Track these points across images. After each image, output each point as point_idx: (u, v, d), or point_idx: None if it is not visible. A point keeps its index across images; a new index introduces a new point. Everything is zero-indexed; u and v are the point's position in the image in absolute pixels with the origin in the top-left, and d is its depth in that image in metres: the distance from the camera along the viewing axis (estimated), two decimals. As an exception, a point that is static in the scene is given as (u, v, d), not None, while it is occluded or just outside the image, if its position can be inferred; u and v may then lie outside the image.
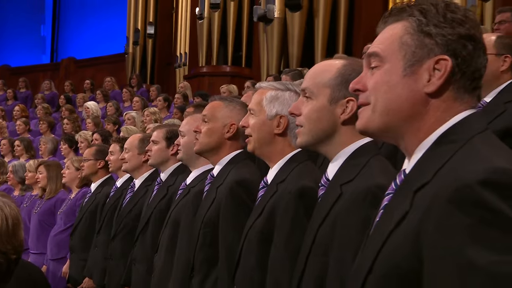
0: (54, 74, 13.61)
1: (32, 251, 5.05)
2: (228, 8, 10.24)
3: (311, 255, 1.59)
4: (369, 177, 1.55)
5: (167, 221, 2.97)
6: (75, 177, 4.80)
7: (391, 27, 1.29)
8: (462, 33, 1.24)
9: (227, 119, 2.53)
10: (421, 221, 1.09)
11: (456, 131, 1.21)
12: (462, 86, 1.24)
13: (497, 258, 0.99)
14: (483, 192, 1.04)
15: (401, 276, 1.12)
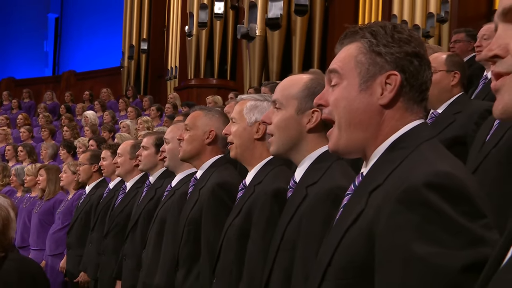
0: (56, 85, 13.51)
1: (33, 248, 5.02)
2: (215, 27, 10.26)
3: (280, 250, 1.60)
4: (331, 179, 1.55)
5: (154, 219, 2.96)
6: (71, 180, 4.79)
7: (347, 47, 1.31)
8: (408, 51, 1.26)
9: (206, 126, 2.54)
10: (374, 218, 1.11)
11: (406, 138, 1.23)
12: (411, 97, 1.26)
13: (436, 250, 1.01)
14: (427, 193, 1.05)
15: (356, 267, 1.13)
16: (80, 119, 9.14)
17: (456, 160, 1.20)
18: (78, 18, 15.90)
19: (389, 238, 1.07)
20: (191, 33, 10.31)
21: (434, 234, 1.03)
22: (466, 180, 1.10)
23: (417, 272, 1.02)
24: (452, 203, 1.04)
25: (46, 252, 4.84)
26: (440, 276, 1.00)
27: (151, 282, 2.76)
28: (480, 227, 1.04)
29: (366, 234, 1.12)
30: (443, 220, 1.03)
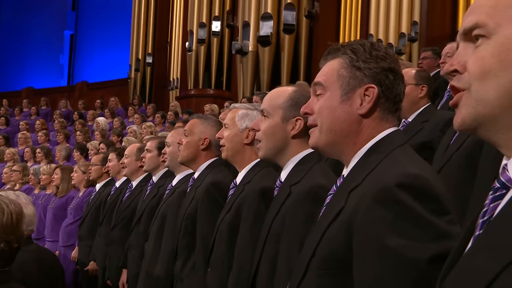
0: (70, 94, 13.46)
1: (48, 239, 4.98)
2: (212, 43, 10.27)
3: (267, 242, 1.60)
4: (312, 179, 1.55)
5: (156, 215, 2.95)
6: (82, 179, 4.76)
7: (330, 62, 1.31)
8: (384, 66, 1.26)
9: (202, 134, 2.53)
10: (352, 214, 1.11)
11: (382, 144, 1.23)
12: (387, 108, 1.27)
13: (406, 243, 1.01)
14: (399, 193, 1.05)
15: (337, 259, 1.13)
16: (92, 125, 9.09)
17: (425, 163, 1.20)
18: (91, 35, 15.88)
19: (365, 232, 1.07)
20: (191, 49, 10.31)
21: (405, 229, 1.03)
22: (433, 181, 1.10)
23: (390, 263, 1.02)
24: (421, 201, 1.05)
25: (59, 243, 4.80)
26: (410, 266, 1.00)
27: (153, 270, 2.75)
28: (446, 223, 1.04)
29: (346, 229, 1.12)
30: (413, 216, 1.03)
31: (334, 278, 1.13)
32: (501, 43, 0.79)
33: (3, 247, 1.62)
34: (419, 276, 0.98)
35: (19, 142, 8.72)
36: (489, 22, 0.81)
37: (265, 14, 9.44)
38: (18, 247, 1.70)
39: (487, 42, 0.81)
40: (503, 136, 0.81)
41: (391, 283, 1.01)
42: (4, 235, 1.62)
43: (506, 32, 0.79)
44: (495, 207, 0.79)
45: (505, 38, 0.79)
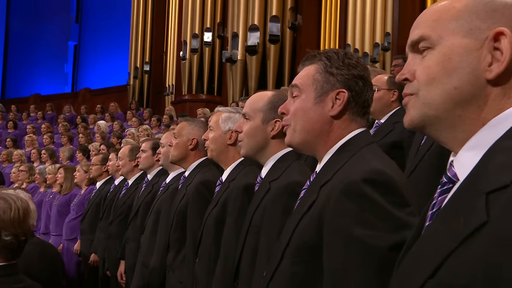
0: (74, 100, 13.36)
1: (52, 233, 4.96)
2: (204, 52, 10.25)
3: (248, 234, 1.60)
4: (289, 176, 1.55)
5: (151, 210, 2.94)
6: (84, 178, 4.73)
7: (307, 68, 1.32)
8: (355, 73, 1.27)
9: (189, 135, 2.53)
10: (323, 207, 1.12)
11: (350, 143, 1.24)
12: (356, 111, 1.27)
13: (370, 233, 1.02)
14: (364, 187, 1.06)
15: (308, 247, 1.14)
16: (93, 128, 9.04)
17: (389, 160, 1.21)
18: (93, 46, 15.78)
19: (334, 223, 1.08)
20: (185, 57, 10.28)
21: (368, 219, 1.04)
22: (395, 176, 1.11)
23: (355, 250, 1.03)
24: (384, 195, 1.05)
25: (63, 237, 4.78)
26: (373, 254, 1.01)
27: (149, 261, 2.74)
28: (406, 214, 1.05)
29: (317, 220, 1.12)
30: (376, 208, 1.04)
31: (306, 265, 1.13)
32: (444, 53, 0.81)
33: (11, 240, 1.60)
34: (380, 262, 0.99)
35: (26, 144, 8.66)
36: (432, 34, 0.82)
37: (253, 25, 9.44)
38: (25, 240, 1.68)
39: (431, 53, 0.83)
40: (447, 135, 0.82)
41: (356, 268, 1.01)
42: (12, 229, 1.60)
43: (448, 43, 0.81)
44: (443, 199, 0.80)
45: (447, 48, 0.81)
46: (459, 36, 0.80)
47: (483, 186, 0.70)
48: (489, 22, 0.79)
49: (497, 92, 0.78)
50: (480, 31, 0.79)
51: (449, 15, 0.81)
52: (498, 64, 0.77)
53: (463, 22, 0.80)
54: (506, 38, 0.77)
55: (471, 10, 0.80)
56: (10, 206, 1.61)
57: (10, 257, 1.63)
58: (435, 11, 0.84)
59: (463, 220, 0.70)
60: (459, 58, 0.79)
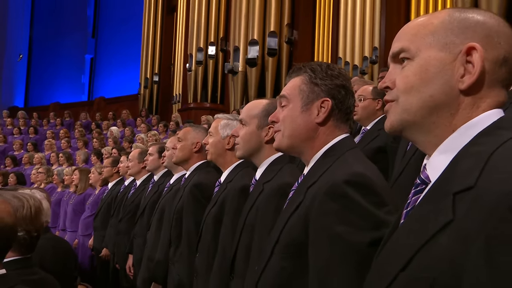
0: (90, 108, 13.36)
1: (69, 230, 4.97)
2: (208, 64, 10.26)
3: (243, 232, 1.59)
4: (281, 178, 1.54)
5: (156, 209, 2.93)
6: (98, 179, 4.73)
7: (294, 79, 1.32)
8: (337, 83, 1.27)
9: (194, 139, 2.52)
10: (309, 207, 1.12)
11: (335, 148, 1.24)
12: (340, 118, 1.27)
13: (351, 230, 1.02)
14: (346, 188, 1.06)
15: (296, 244, 1.14)
16: (106, 133, 9.04)
17: (370, 163, 1.21)
18: (107, 58, 15.82)
19: (318, 222, 1.07)
20: (191, 69, 10.30)
21: (350, 218, 1.03)
22: (375, 178, 1.10)
23: (337, 246, 1.02)
24: (364, 195, 1.05)
25: (78, 233, 4.78)
26: (353, 249, 1.01)
27: (153, 255, 2.72)
28: (384, 213, 1.04)
29: (303, 219, 1.12)
30: (357, 208, 1.04)
31: (294, 260, 1.13)
32: (421, 64, 0.81)
33: (24, 236, 1.59)
34: (360, 257, 0.99)
35: (46, 148, 8.66)
36: (411, 47, 0.83)
37: (252, 40, 9.45)
38: (37, 236, 1.67)
39: (410, 64, 0.83)
40: (422, 138, 0.83)
41: (338, 264, 1.01)
42: (25, 225, 1.59)
43: (425, 55, 0.81)
44: (416, 199, 0.80)
45: (424, 60, 0.81)
46: (435, 49, 0.80)
47: (451, 187, 0.70)
48: (462, 37, 0.79)
49: (467, 102, 0.79)
50: (454, 45, 0.79)
51: (427, 30, 0.82)
52: (469, 76, 0.78)
53: (439, 37, 0.81)
54: (477, 52, 0.77)
55: (447, 26, 0.81)
56: (23, 204, 1.60)
57: (24, 252, 1.62)
58: (415, 26, 0.84)
59: (433, 218, 0.70)
60: (435, 69, 0.80)
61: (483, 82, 0.78)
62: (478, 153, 0.71)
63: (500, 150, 0.70)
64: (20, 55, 16.23)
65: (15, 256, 1.59)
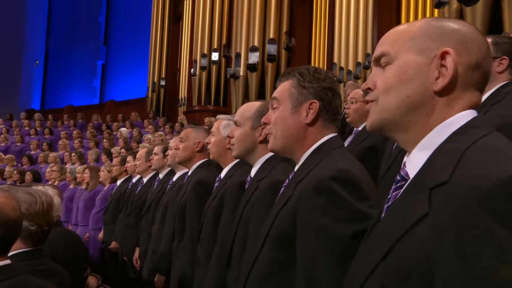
0: (101, 110, 13.36)
1: (80, 224, 4.97)
2: (212, 69, 10.24)
3: (239, 225, 1.59)
4: (274, 175, 1.54)
5: (160, 204, 2.93)
6: (107, 177, 4.73)
7: (284, 83, 1.32)
8: (324, 86, 1.27)
9: (196, 139, 2.52)
10: (297, 202, 1.12)
11: (323, 147, 1.24)
12: (327, 118, 1.27)
13: (335, 223, 1.03)
14: (331, 184, 1.06)
15: (285, 236, 1.14)
16: (116, 134, 9.05)
17: (356, 161, 1.21)
18: (117, 64, 15.85)
19: (305, 215, 1.07)
20: (195, 74, 10.29)
21: (335, 212, 1.03)
22: (359, 174, 1.10)
23: (323, 238, 1.02)
24: (348, 190, 1.05)
25: (89, 227, 4.78)
26: (338, 241, 1.01)
27: (158, 248, 2.73)
28: (367, 207, 1.04)
29: (292, 213, 1.12)
30: (341, 202, 1.04)
31: (283, 251, 1.13)
32: (400, 67, 0.82)
33: (36, 229, 1.60)
34: (344, 248, 0.99)
35: (60, 147, 8.67)
36: (391, 51, 0.83)
37: (253, 47, 9.45)
38: (48, 230, 1.68)
39: (390, 66, 0.83)
40: (402, 136, 0.83)
41: (323, 254, 1.01)
42: (37, 219, 1.60)
43: (404, 59, 0.82)
44: (396, 195, 0.80)
45: (402, 63, 0.82)
46: (413, 53, 0.81)
47: (428, 183, 0.71)
48: (438, 43, 0.80)
49: (442, 102, 0.79)
50: (430, 50, 0.80)
51: (406, 36, 0.83)
52: (443, 78, 0.79)
53: (417, 42, 0.81)
54: (450, 56, 0.78)
55: (424, 32, 0.81)
56: (36, 200, 1.61)
57: (35, 244, 1.63)
58: (395, 32, 0.85)
59: (410, 212, 0.70)
60: (412, 71, 0.80)
61: (456, 84, 0.79)
62: (452, 151, 0.72)
63: (472, 147, 0.70)
64: (36, 61, 16.28)
65: (27, 247, 1.60)
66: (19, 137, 10.19)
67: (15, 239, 1.35)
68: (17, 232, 1.31)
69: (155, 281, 2.69)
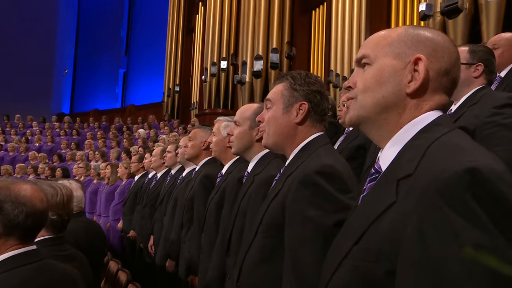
0: (122, 114, 13.43)
1: (103, 215, 4.99)
2: (221, 76, 10.26)
3: (237, 217, 1.59)
4: (268, 171, 1.54)
5: (171, 197, 2.94)
6: (125, 172, 4.75)
7: (277, 85, 1.32)
8: (314, 89, 1.26)
9: (202, 138, 2.52)
10: (286, 194, 1.12)
11: (311, 144, 1.24)
12: (315, 119, 1.26)
13: (319, 213, 1.03)
14: (316, 177, 1.06)
15: (275, 225, 1.14)
16: (135, 134, 9.10)
17: (339, 157, 1.20)
18: (137, 72, 15.94)
19: (293, 206, 1.07)
20: (206, 80, 10.31)
21: (319, 203, 1.03)
22: (341, 169, 1.10)
23: (308, 227, 1.02)
24: (331, 183, 1.05)
25: (110, 218, 4.80)
26: (321, 229, 1.01)
27: (169, 236, 2.74)
28: (348, 198, 1.04)
29: (281, 204, 1.12)
30: (325, 194, 1.04)
31: (273, 239, 1.13)
32: (378, 69, 0.82)
33: (57, 219, 1.61)
34: (326, 235, 0.98)
35: (86, 147, 8.74)
36: (371, 54, 0.83)
37: (258, 55, 9.44)
38: (68, 219, 1.69)
39: (369, 68, 0.83)
40: (376, 133, 0.83)
41: (308, 240, 1.01)
42: (57, 210, 1.61)
43: (382, 62, 0.82)
44: (370, 186, 0.80)
45: (380, 66, 0.82)
46: (390, 57, 0.81)
47: (396, 175, 0.71)
48: (413, 49, 0.80)
49: (413, 103, 0.79)
50: (405, 55, 0.80)
51: (386, 41, 0.83)
52: (415, 82, 0.79)
53: (394, 48, 0.81)
54: (422, 62, 0.78)
55: (402, 39, 0.81)
56: (57, 192, 1.62)
57: (56, 232, 1.64)
58: (377, 37, 0.85)
59: (381, 201, 0.71)
60: (388, 74, 0.80)
61: (426, 88, 0.79)
62: (418, 146, 0.72)
63: (435, 143, 0.71)
64: (66, 70, 16.45)
65: (49, 235, 1.62)
66: (50, 137, 10.30)
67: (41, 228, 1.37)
68: (43, 222, 1.33)
69: (167, 265, 2.70)
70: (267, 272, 1.12)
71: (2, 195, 1.17)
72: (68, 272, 1.30)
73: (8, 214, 1.17)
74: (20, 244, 1.20)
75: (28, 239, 1.24)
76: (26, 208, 1.18)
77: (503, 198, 0.58)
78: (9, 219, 1.17)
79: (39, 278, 1.18)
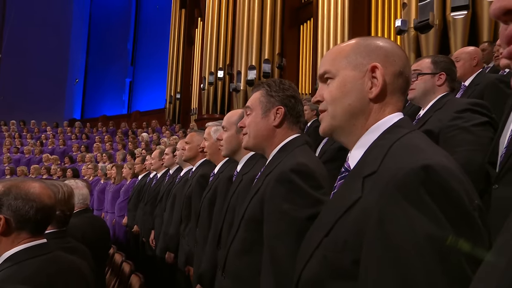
0: (128, 119, 13.35)
1: (109, 212, 4.95)
2: (218, 85, 10.25)
3: (227, 212, 1.57)
4: (255, 170, 1.52)
5: (170, 195, 2.93)
6: (129, 173, 4.73)
7: (255, 93, 1.33)
8: (288, 94, 1.27)
9: (198, 141, 2.52)
10: (265, 190, 1.13)
11: (288, 145, 1.25)
12: (292, 121, 1.27)
13: (294, 207, 1.03)
14: (291, 175, 1.07)
15: (255, 220, 1.15)
16: (139, 138, 9.06)
17: (314, 156, 1.21)
18: (142, 81, 15.88)
19: (270, 202, 1.08)
20: (204, 88, 10.30)
21: (293, 198, 1.04)
22: (315, 167, 1.11)
23: (284, 221, 1.03)
24: (305, 180, 1.05)
25: (115, 214, 4.77)
26: (295, 222, 1.01)
27: (168, 231, 2.74)
28: (320, 194, 1.05)
29: (260, 200, 1.13)
30: (299, 190, 1.04)
31: (253, 232, 1.14)
32: (340, 81, 0.83)
33: (59, 214, 1.61)
34: (300, 228, 0.99)
35: (94, 149, 8.68)
36: (332, 69, 0.84)
37: (251, 66, 9.46)
38: (69, 215, 1.68)
39: (333, 81, 0.84)
40: (346, 138, 0.84)
41: (283, 233, 1.01)
42: (60, 206, 1.61)
43: (342, 74, 0.83)
44: (341, 183, 0.81)
45: (342, 78, 0.83)
46: (349, 69, 0.82)
47: (362, 172, 0.72)
48: (368, 59, 0.81)
49: (376, 107, 0.81)
50: (362, 65, 0.81)
51: (341, 55, 0.84)
52: (375, 88, 0.80)
53: (351, 60, 0.82)
54: (378, 70, 0.80)
55: (356, 51, 0.83)
56: (58, 190, 1.62)
57: (60, 226, 1.64)
58: (332, 52, 0.86)
59: (348, 196, 0.72)
60: (350, 84, 0.82)
61: (386, 91, 0.80)
62: (382, 146, 0.74)
63: (397, 143, 0.72)
64: (76, 80, 16.38)
65: (53, 229, 1.61)
66: (62, 141, 10.23)
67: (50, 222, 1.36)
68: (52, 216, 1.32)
69: (166, 257, 2.70)
70: (248, 262, 1.13)
71: (13, 193, 1.18)
72: (75, 263, 1.31)
73: (20, 210, 1.17)
74: (31, 237, 1.20)
75: (39, 233, 1.24)
76: (36, 204, 1.19)
77: (453, 193, 0.59)
78: (21, 214, 1.17)
79: (48, 269, 1.18)
